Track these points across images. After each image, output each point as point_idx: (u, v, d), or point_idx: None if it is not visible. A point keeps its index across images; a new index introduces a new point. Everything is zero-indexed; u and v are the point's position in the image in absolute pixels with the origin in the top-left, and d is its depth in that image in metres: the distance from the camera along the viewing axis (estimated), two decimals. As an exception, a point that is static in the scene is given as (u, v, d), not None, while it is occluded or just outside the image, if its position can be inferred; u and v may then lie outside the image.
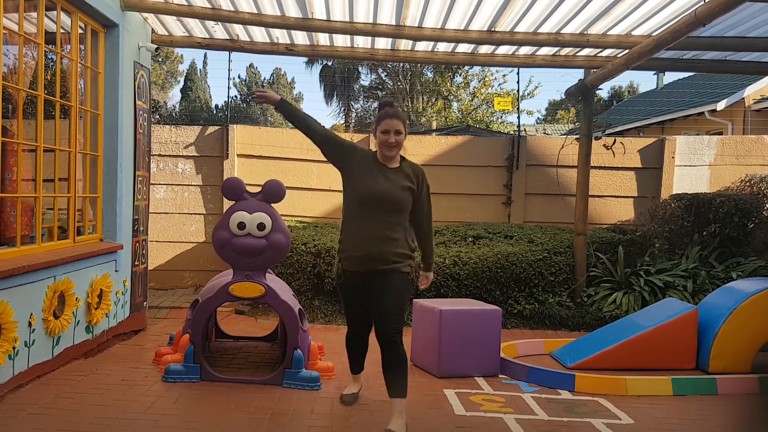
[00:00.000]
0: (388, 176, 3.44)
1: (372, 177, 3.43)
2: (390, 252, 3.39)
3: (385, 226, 3.39)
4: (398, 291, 3.42)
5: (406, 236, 3.48)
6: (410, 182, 3.47)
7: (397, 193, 3.41)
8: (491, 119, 17.45)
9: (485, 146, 8.24)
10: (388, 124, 3.42)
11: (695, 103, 14.60)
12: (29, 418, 3.46)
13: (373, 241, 3.39)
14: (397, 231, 3.42)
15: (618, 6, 5.19)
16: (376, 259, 3.39)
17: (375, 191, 3.39)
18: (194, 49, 31.22)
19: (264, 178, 6.27)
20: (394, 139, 3.41)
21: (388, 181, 3.42)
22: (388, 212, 3.40)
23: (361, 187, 3.43)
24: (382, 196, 3.38)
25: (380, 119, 3.47)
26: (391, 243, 3.39)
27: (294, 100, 40.19)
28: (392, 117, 3.43)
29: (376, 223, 3.39)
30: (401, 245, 3.44)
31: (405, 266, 3.45)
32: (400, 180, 3.44)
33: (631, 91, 34.30)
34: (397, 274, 3.42)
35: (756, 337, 4.84)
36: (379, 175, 3.44)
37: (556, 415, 3.86)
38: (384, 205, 3.39)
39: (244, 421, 3.56)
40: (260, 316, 6.64)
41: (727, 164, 8.29)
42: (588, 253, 7.01)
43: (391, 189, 3.40)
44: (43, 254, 4.24)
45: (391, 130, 3.41)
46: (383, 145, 3.44)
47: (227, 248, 4.23)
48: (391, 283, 3.40)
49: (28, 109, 5.13)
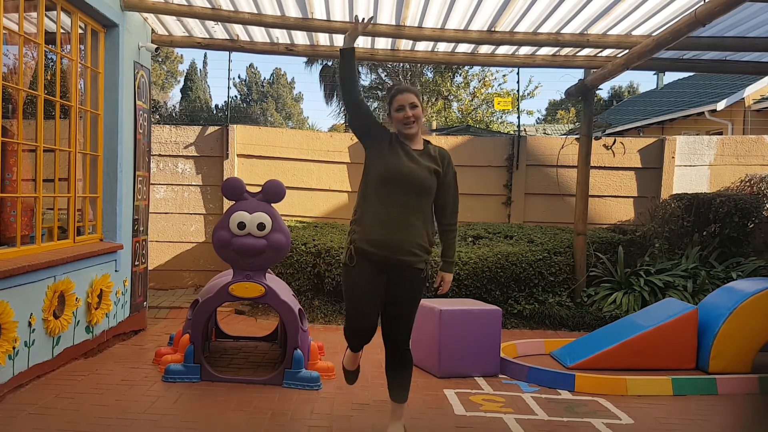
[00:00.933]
0: (412, 156, 3.19)
1: (396, 156, 3.17)
2: (409, 241, 3.13)
3: (407, 210, 3.13)
4: (414, 295, 3.23)
5: (427, 227, 3.21)
6: (436, 165, 3.21)
7: (423, 174, 3.14)
8: (491, 119, 17.46)
9: (485, 146, 8.24)
10: (401, 100, 3.18)
11: (695, 103, 14.60)
12: (29, 418, 3.46)
13: (393, 227, 3.11)
14: (418, 217, 3.16)
15: (618, 6, 5.19)
16: (393, 246, 3.12)
17: (400, 170, 3.13)
18: (194, 49, 31.26)
19: (264, 178, 6.28)
20: (411, 113, 3.16)
21: (413, 162, 3.16)
22: (411, 195, 3.13)
23: (385, 165, 3.16)
24: (406, 175, 3.12)
25: (391, 98, 3.23)
26: (411, 231, 3.13)
27: (294, 101, 40.21)
28: (403, 91, 3.20)
29: (396, 206, 3.12)
30: (421, 235, 3.17)
31: (421, 262, 3.19)
32: (425, 161, 3.19)
33: (631, 91, 34.30)
34: (413, 272, 3.18)
35: (756, 337, 4.84)
36: (403, 154, 3.18)
37: (556, 415, 3.86)
38: (407, 186, 3.12)
39: (244, 421, 3.56)
40: (260, 316, 6.64)
41: (727, 164, 8.29)
42: (588, 253, 7.01)
43: (417, 169, 3.14)
44: (43, 254, 4.24)
45: (405, 104, 3.17)
46: (400, 123, 3.19)
47: (227, 248, 4.23)
48: (408, 285, 3.19)
49: (28, 109, 5.13)
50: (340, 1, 5.28)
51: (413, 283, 3.20)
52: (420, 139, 3.28)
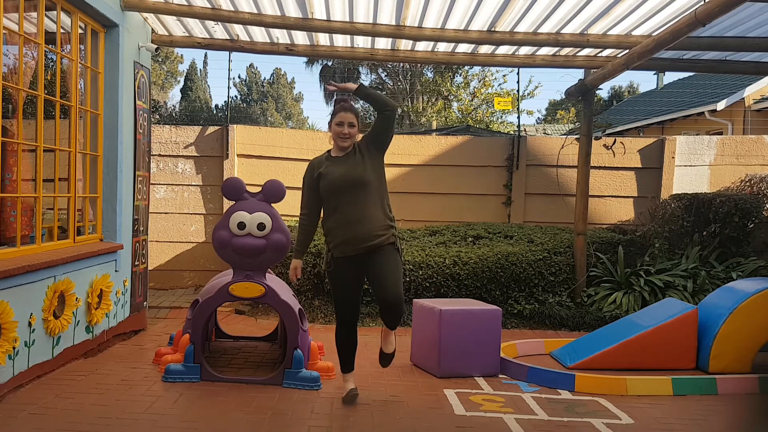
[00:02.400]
0: (342, 163, 3.71)
1: (328, 172, 3.70)
2: (371, 229, 3.64)
3: (358, 206, 3.64)
4: (392, 260, 3.68)
5: (384, 208, 3.72)
6: (362, 152, 3.71)
7: (354, 172, 3.65)
8: (491, 119, 17.44)
9: (485, 146, 8.24)
10: (342, 117, 3.69)
11: (695, 103, 14.60)
12: (29, 418, 3.46)
13: (353, 224, 3.64)
14: (371, 205, 3.66)
15: (618, 6, 5.19)
16: (362, 238, 3.64)
17: (333, 180, 3.67)
18: (194, 49, 31.26)
19: (264, 178, 6.26)
20: (348, 131, 3.68)
21: (344, 166, 3.69)
22: (355, 193, 3.64)
23: (323, 181, 3.71)
24: (340, 180, 3.64)
25: (335, 113, 3.72)
26: (370, 220, 3.64)
27: (294, 101, 40.19)
28: (347, 110, 3.70)
29: (349, 207, 3.65)
30: (380, 218, 3.68)
31: (390, 237, 3.70)
32: (353, 159, 3.70)
33: (631, 91, 34.29)
34: (386, 248, 3.68)
35: (756, 337, 4.84)
36: (334, 166, 3.71)
37: (556, 415, 3.86)
38: (348, 187, 3.64)
39: (244, 421, 3.56)
40: (260, 316, 6.64)
41: (727, 164, 8.29)
42: (588, 253, 7.01)
43: (348, 171, 3.66)
44: (43, 254, 4.24)
45: (345, 122, 3.68)
46: (337, 136, 3.71)
47: (227, 248, 4.23)
48: (384, 257, 3.67)
49: (28, 109, 5.14)
50: (340, 1, 5.28)
51: (389, 254, 3.69)
52: (351, 148, 3.77)
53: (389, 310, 3.71)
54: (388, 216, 3.74)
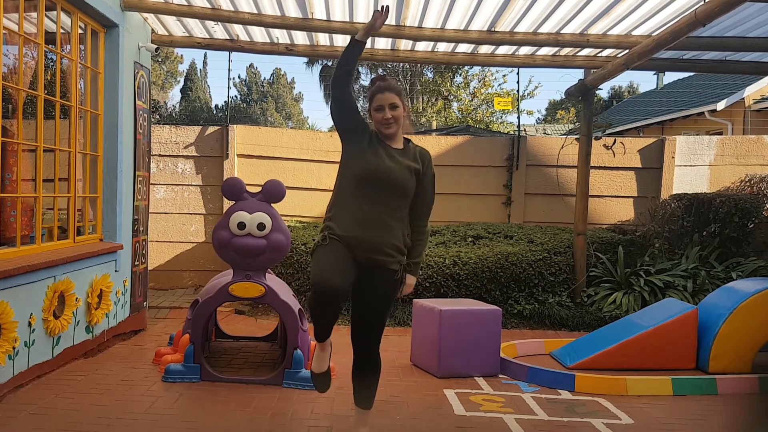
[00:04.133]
0: (392, 155, 3.08)
1: (375, 154, 3.05)
2: (384, 241, 3.03)
3: (383, 210, 3.03)
4: (387, 295, 3.12)
5: (403, 229, 3.12)
6: (416, 164, 3.11)
7: (401, 174, 3.04)
8: (491, 119, 17.45)
9: (485, 146, 8.24)
10: (380, 99, 3.05)
11: (695, 103, 14.60)
12: (29, 418, 3.46)
13: (368, 226, 3.00)
14: (394, 217, 3.06)
15: (618, 6, 5.19)
16: (367, 246, 3.01)
17: (378, 169, 3.02)
18: (194, 49, 31.25)
19: (264, 178, 6.27)
20: (390, 115, 3.04)
21: (393, 161, 3.06)
22: (389, 195, 3.03)
23: (365, 163, 3.04)
24: (384, 175, 3.01)
25: (372, 96, 3.11)
26: (387, 231, 3.03)
27: (294, 101, 40.21)
28: (384, 90, 3.06)
29: (373, 205, 3.02)
30: (396, 236, 3.07)
31: (395, 263, 3.08)
32: (405, 160, 3.09)
33: (631, 91, 34.29)
34: (386, 273, 3.07)
35: (756, 337, 4.84)
36: (382, 153, 3.06)
37: (556, 415, 3.86)
38: (386, 186, 3.02)
39: (244, 421, 3.56)
40: (260, 316, 6.64)
41: (727, 164, 8.29)
42: (588, 253, 7.01)
43: (396, 169, 3.04)
44: (43, 254, 4.24)
45: (385, 105, 3.04)
46: (379, 123, 3.07)
47: (227, 248, 4.23)
48: (381, 285, 3.08)
49: (28, 109, 5.14)
50: (340, 1, 5.28)
51: (387, 283, 3.09)
52: (400, 137, 3.17)
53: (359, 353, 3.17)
54: (404, 240, 3.12)
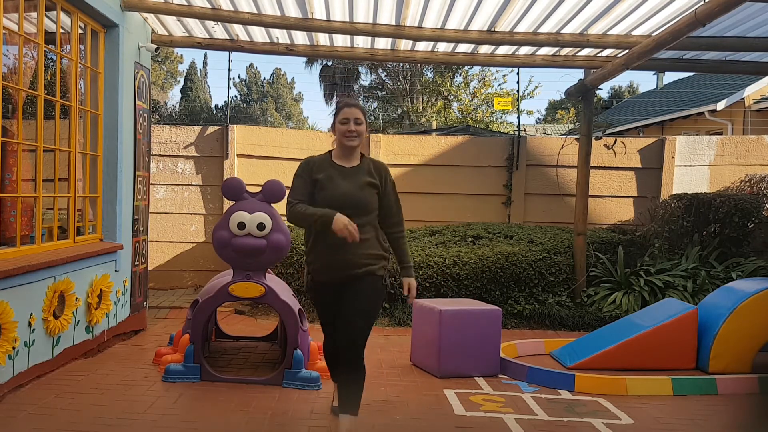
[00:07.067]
0: (347, 175, 3.22)
1: (330, 182, 3.20)
2: (361, 254, 3.14)
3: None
4: (371, 298, 3.18)
5: (378, 236, 3.25)
6: (372, 178, 3.25)
7: (359, 194, 3.18)
8: (491, 119, 17.46)
9: (485, 146, 8.24)
10: (347, 113, 3.22)
11: (695, 103, 14.60)
12: (29, 418, 3.46)
13: (342, 247, 3.08)
14: (366, 231, 3.15)
15: (618, 6, 5.19)
16: (348, 264, 3.14)
17: (334, 195, 3.15)
18: (194, 49, 31.23)
19: (264, 178, 6.26)
20: (354, 128, 3.20)
21: (348, 181, 3.20)
22: (354, 214, 3.10)
23: (323, 195, 3.18)
24: (342, 198, 3.14)
25: (338, 110, 3.28)
26: (362, 245, 3.11)
27: (294, 101, 40.22)
28: (351, 105, 3.26)
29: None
30: (372, 245, 3.19)
31: (379, 268, 3.20)
32: (360, 177, 3.22)
33: (631, 91, 34.30)
34: (370, 278, 3.17)
35: (756, 337, 4.84)
36: (337, 178, 3.21)
37: (556, 415, 3.86)
38: (347, 207, 3.11)
39: (244, 421, 3.56)
40: (260, 316, 6.64)
41: (727, 164, 8.29)
42: (588, 253, 7.01)
43: (352, 189, 3.18)
44: (43, 254, 4.24)
45: (351, 118, 3.21)
46: (343, 135, 3.22)
47: (227, 248, 4.23)
48: (364, 288, 3.15)
49: (28, 109, 5.13)
50: (340, 1, 5.28)
51: (374, 288, 3.19)
52: (358, 153, 3.31)
53: (343, 356, 3.15)
54: (382, 245, 3.26)
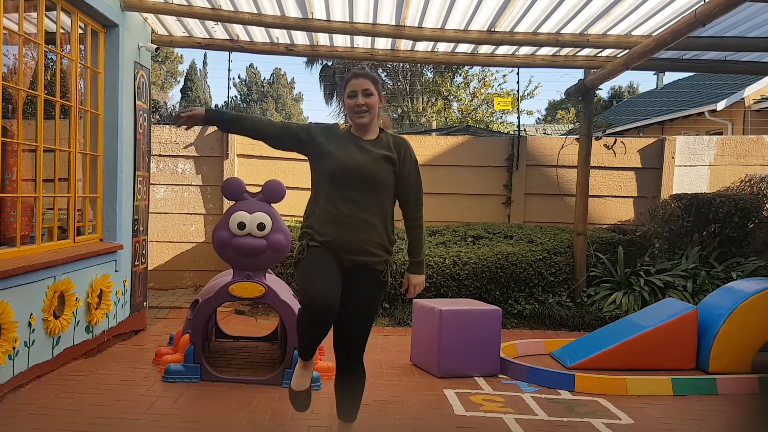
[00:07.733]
0: (362, 147, 2.87)
1: (341, 150, 2.85)
2: (365, 240, 2.80)
3: (361, 207, 2.80)
4: (373, 299, 2.90)
5: (386, 224, 2.88)
6: (390, 152, 2.88)
7: (372, 165, 2.81)
8: (491, 119, 17.45)
9: (485, 146, 8.24)
10: (353, 85, 2.85)
11: (695, 103, 14.60)
12: (29, 418, 3.46)
13: (347, 226, 2.78)
14: (374, 214, 2.82)
15: (618, 6, 5.19)
16: (348, 247, 2.79)
17: (345, 163, 2.80)
18: (194, 49, 31.22)
19: (264, 178, 6.26)
20: (363, 101, 2.82)
21: (362, 153, 2.84)
22: (363, 190, 2.80)
23: (330, 161, 2.84)
24: (354, 168, 2.80)
25: (346, 82, 2.91)
26: (367, 229, 2.80)
27: (294, 101, 40.21)
28: (358, 76, 2.87)
29: (349, 203, 2.79)
30: (378, 233, 2.83)
31: (381, 263, 2.86)
32: (377, 150, 2.86)
33: (631, 91, 34.31)
34: (372, 273, 2.85)
35: (756, 337, 4.84)
36: (351, 147, 2.86)
37: (556, 415, 3.86)
38: (357, 180, 2.80)
39: (244, 421, 3.56)
40: (260, 316, 6.64)
41: (727, 164, 8.29)
42: (588, 253, 7.01)
43: (365, 161, 2.82)
44: (43, 254, 4.24)
45: (358, 90, 2.83)
46: (351, 111, 2.86)
47: (227, 248, 4.23)
48: (366, 287, 2.86)
49: (28, 109, 5.13)
50: (340, 1, 5.28)
51: (372, 285, 2.87)
52: (375, 129, 2.95)
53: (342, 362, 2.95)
54: (389, 237, 2.89)
